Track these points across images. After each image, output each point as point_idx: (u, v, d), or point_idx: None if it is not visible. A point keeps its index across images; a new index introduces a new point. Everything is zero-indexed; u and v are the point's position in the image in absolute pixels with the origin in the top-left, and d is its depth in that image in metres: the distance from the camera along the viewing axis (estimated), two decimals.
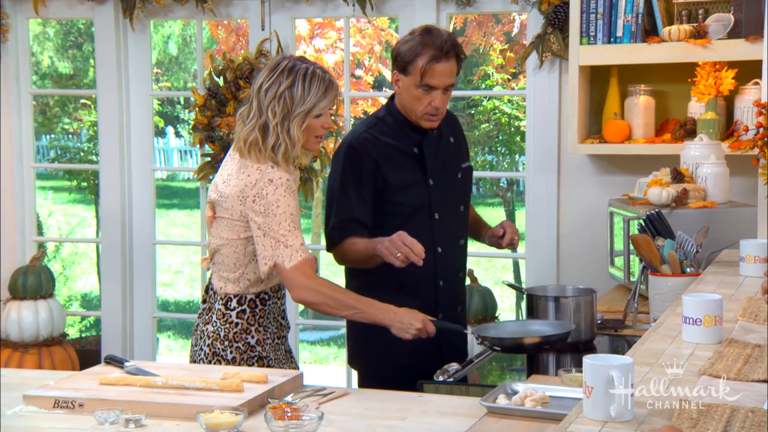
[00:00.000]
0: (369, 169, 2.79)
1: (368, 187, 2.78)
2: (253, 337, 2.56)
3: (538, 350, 2.53)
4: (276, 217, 2.45)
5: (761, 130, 2.90)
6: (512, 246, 2.96)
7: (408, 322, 2.50)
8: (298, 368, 2.72)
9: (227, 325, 2.55)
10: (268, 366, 2.56)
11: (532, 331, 2.59)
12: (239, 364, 2.52)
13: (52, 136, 11.51)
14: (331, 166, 2.89)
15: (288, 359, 2.67)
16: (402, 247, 2.56)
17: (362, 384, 2.91)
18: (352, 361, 2.97)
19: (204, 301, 2.65)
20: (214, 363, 2.53)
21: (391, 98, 2.91)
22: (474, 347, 2.96)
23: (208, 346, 2.57)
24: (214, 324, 2.57)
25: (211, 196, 2.60)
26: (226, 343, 2.55)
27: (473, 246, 3.17)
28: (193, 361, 2.63)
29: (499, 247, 2.97)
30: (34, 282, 4.49)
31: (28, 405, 2.12)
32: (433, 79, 2.74)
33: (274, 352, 2.60)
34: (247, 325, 2.56)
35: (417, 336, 2.53)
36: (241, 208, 2.49)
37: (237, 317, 2.55)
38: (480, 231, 3.08)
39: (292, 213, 2.47)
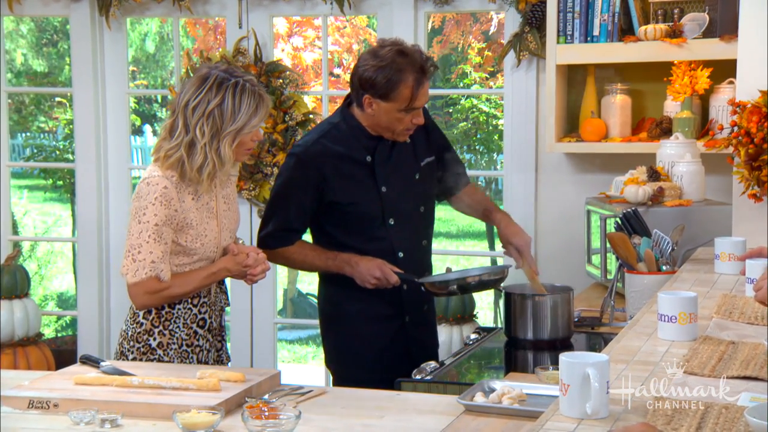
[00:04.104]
0: (314, 182, 2.76)
1: (311, 199, 2.78)
2: (155, 339, 2.50)
3: (479, 290, 2.90)
4: (139, 224, 2.42)
5: (736, 128, 2.93)
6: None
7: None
8: None
9: (134, 325, 2.52)
10: None
11: (470, 274, 2.83)
12: None
13: (28, 134, 11.42)
14: (279, 172, 2.88)
15: None
16: (381, 281, 2.75)
17: (337, 385, 2.91)
18: (328, 363, 2.99)
19: None
20: None
21: (347, 104, 2.84)
22: (443, 347, 3.00)
23: (119, 344, 2.55)
24: (126, 323, 2.56)
25: None
26: (132, 342, 2.51)
27: (452, 244, 3.19)
28: None
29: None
30: (9, 281, 4.45)
31: (3, 405, 2.10)
32: (419, 101, 2.71)
33: (179, 359, 2.52)
34: (151, 326, 2.51)
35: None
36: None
37: (143, 317, 2.51)
38: (489, 217, 3.04)
39: (157, 224, 2.41)
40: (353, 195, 2.78)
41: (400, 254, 2.83)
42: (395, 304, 2.85)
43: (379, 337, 2.86)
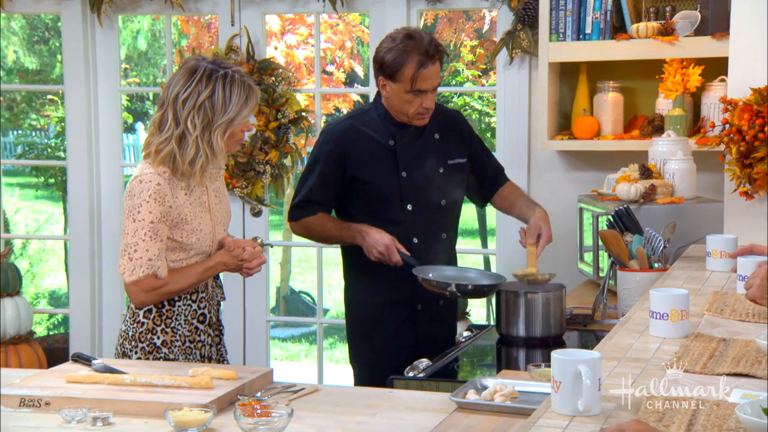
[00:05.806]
0: (338, 157, 2.92)
1: (334, 173, 2.92)
2: (158, 337, 2.49)
3: (471, 296, 2.95)
4: (134, 223, 2.41)
5: (727, 126, 2.94)
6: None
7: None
8: None
9: (135, 325, 2.51)
10: None
11: (466, 279, 2.84)
12: None
13: (19, 132, 11.38)
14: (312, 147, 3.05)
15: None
16: (384, 256, 2.82)
17: (357, 377, 3.03)
18: (351, 359, 3.08)
19: None
20: None
21: (378, 94, 2.97)
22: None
23: (120, 345, 2.54)
24: (126, 323, 2.54)
25: None
26: (133, 343, 2.50)
27: None
28: None
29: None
30: (0, 279, 4.44)
31: None
32: (423, 83, 2.82)
33: (184, 355, 2.52)
34: (153, 325, 2.50)
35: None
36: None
37: (143, 317, 2.50)
38: (516, 214, 3.09)
39: (153, 221, 2.41)
40: (373, 174, 2.91)
41: (415, 240, 2.92)
42: (406, 290, 2.91)
43: (388, 321, 2.94)
